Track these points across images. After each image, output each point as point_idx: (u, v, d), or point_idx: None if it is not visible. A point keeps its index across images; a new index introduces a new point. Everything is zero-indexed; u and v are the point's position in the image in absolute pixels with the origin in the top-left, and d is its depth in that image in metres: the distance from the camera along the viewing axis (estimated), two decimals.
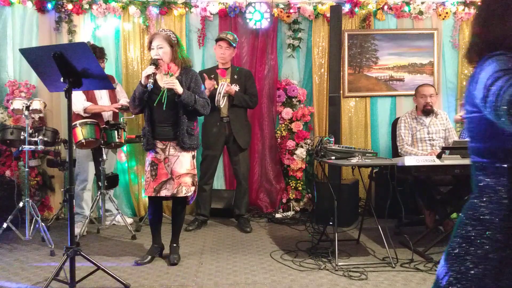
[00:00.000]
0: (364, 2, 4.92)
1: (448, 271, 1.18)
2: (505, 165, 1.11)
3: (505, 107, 0.95)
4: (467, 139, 1.17)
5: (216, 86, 4.07)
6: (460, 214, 1.23)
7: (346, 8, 4.89)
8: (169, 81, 3.11)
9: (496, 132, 1.09)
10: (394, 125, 4.33)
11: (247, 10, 4.70)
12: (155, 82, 3.12)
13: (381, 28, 4.98)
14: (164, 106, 3.14)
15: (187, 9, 4.81)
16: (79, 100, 3.97)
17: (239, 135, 4.25)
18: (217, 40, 4.27)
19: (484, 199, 1.14)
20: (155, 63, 3.12)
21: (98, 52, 4.09)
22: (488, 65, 1.08)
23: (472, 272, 1.13)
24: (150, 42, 3.23)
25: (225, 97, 4.09)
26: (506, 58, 1.07)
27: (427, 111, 4.01)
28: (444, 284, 1.18)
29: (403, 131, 4.04)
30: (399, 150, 4.03)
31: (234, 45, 4.23)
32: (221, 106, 4.06)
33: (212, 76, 4.18)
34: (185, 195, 3.22)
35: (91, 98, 4.11)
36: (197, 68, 4.71)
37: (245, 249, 3.66)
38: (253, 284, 2.91)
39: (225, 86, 4.03)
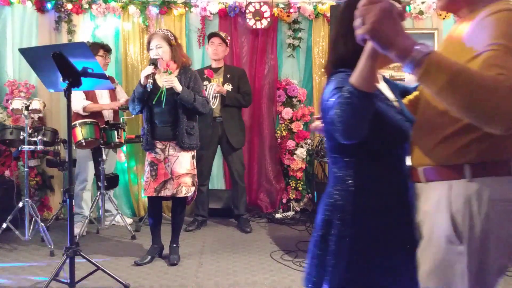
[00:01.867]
0: None
1: (313, 255, 1.38)
2: (352, 159, 1.33)
3: (335, 122, 1.15)
4: None
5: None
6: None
7: None
8: (168, 79, 3.11)
9: None
10: None
11: (247, 9, 4.70)
12: (154, 82, 3.12)
13: None
14: (163, 104, 3.13)
15: (187, 8, 4.80)
16: (78, 98, 3.96)
17: (232, 135, 4.23)
18: (209, 38, 4.28)
19: (337, 188, 1.35)
20: (154, 63, 3.12)
21: (106, 46, 4.19)
22: (331, 81, 1.28)
23: (330, 248, 1.32)
24: (149, 43, 3.23)
25: (217, 98, 4.09)
26: (344, 76, 1.23)
27: None
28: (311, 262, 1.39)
29: None
30: None
31: (226, 41, 4.23)
32: (213, 107, 4.05)
33: (204, 76, 4.17)
34: (185, 195, 3.22)
35: (91, 98, 4.10)
36: (197, 68, 4.71)
37: (245, 249, 3.66)
38: (253, 284, 2.90)
39: (214, 87, 4.03)
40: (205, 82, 4.09)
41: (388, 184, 1.32)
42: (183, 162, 3.22)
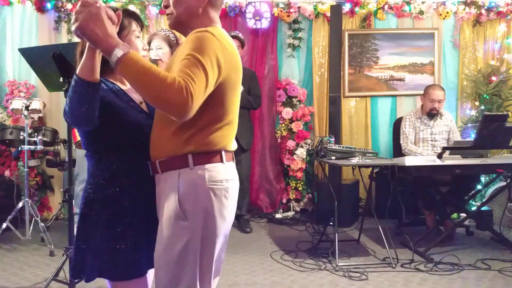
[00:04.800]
0: (364, 2, 4.91)
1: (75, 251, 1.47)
2: (97, 155, 1.48)
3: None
4: (468, 139, 1.26)
5: None
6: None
7: (347, 7, 4.89)
8: None
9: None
10: (396, 125, 4.32)
11: (247, 9, 4.70)
12: None
13: (381, 27, 4.97)
14: None
15: None
16: None
17: (241, 136, 4.22)
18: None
19: (90, 183, 1.49)
20: (154, 63, 3.11)
21: None
22: None
23: (83, 246, 1.44)
24: (149, 43, 3.22)
25: None
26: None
27: (432, 114, 4.00)
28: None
29: (407, 129, 4.02)
30: (403, 148, 4.01)
31: (243, 45, 4.22)
32: None
33: None
34: None
35: None
36: None
37: (245, 249, 3.65)
38: (253, 284, 2.90)
39: None
40: None
41: (127, 172, 1.46)
42: None
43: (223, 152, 1.41)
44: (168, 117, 1.30)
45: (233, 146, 1.49)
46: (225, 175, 1.41)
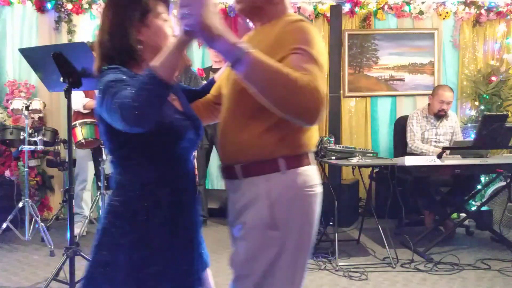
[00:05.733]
0: (364, 2, 4.91)
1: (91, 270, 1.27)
2: (126, 162, 1.27)
3: (114, 109, 1.09)
4: (468, 139, 1.25)
5: None
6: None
7: (346, 7, 4.89)
8: None
9: (114, 133, 1.20)
10: (397, 124, 4.33)
11: None
12: None
13: (381, 28, 4.97)
14: None
15: None
16: (77, 97, 3.96)
17: None
18: None
19: (117, 193, 1.28)
20: None
21: None
22: (101, 77, 1.20)
23: (108, 259, 1.23)
24: None
25: None
26: (118, 72, 1.19)
27: (440, 115, 4.00)
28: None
29: (415, 127, 4.02)
30: (410, 146, 4.00)
31: None
32: None
33: (204, 76, 4.18)
34: None
35: (91, 97, 4.10)
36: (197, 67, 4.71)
37: None
38: None
39: None
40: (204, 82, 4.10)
41: (164, 184, 1.28)
42: None
43: (309, 154, 1.29)
44: (252, 116, 1.22)
45: None
46: (315, 179, 1.29)
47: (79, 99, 4.00)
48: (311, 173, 1.28)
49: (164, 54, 1.09)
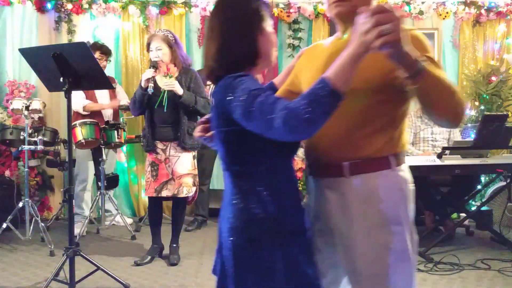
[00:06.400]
0: None
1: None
2: (262, 168, 1.27)
3: (279, 117, 1.09)
4: (468, 139, 1.29)
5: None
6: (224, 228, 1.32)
7: None
8: (169, 83, 3.10)
9: (253, 141, 1.23)
10: None
11: None
12: (155, 84, 3.12)
13: None
14: (165, 108, 3.13)
15: (187, 8, 4.80)
16: (78, 98, 3.96)
17: None
18: None
19: (253, 201, 1.26)
20: (154, 65, 3.12)
21: (104, 48, 4.13)
22: (236, 84, 1.20)
23: (268, 269, 1.23)
24: (149, 44, 3.23)
25: None
26: (251, 79, 1.22)
27: None
28: None
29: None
30: None
31: None
32: None
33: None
34: (186, 195, 3.22)
35: (91, 97, 4.10)
36: (197, 68, 4.69)
37: None
38: None
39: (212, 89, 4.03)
40: (208, 82, 4.10)
41: (290, 185, 1.34)
42: (184, 162, 3.21)
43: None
44: (366, 116, 1.27)
45: None
46: (411, 176, 1.37)
47: (80, 100, 4.00)
48: (408, 170, 1.36)
49: (339, 66, 1.09)
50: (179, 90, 3.11)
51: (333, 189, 1.33)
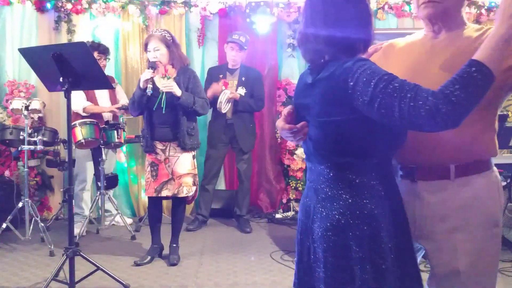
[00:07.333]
0: None
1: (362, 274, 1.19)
2: (374, 161, 1.22)
3: (427, 104, 1.03)
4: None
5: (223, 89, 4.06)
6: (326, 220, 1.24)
7: None
8: (167, 85, 3.10)
9: (370, 131, 1.18)
10: None
11: (247, 9, 4.70)
12: (154, 85, 3.12)
13: (381, 27, 4.96)
14: (164, 109, 3.13)
15: (186, 8, 4.79)
16: (78, 98, 3.96)
17: (242, 139, 4.26)
18: (228, 41, 4.25)
19: (365, 196, 1.20)
20: (152, 66, 3.11)
21: (101, 47, 4.12)
22: (358, 68, 1.14)
23: (384, 266, 1.18)
24: (146, 45, 3.22)
25: (229, 103, 4.09)
26: (373, 64, 1.17)
27: None
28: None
29: None
30: None
31: (245, 48, 4.22)
32: (223, 112, 4.07)
33: (221, 76, 4.18)
34: (186, 195, 3.22)
35: (91, 98, 4.10)
36: (197, 67, 4.70)
37: (245, 249, 3.65)
38: (253, 284, 2.90)
39: (227, 95, 4.03)
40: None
41: (395, 181, 1.32)
42: (184, 162, 3.21)
43: None
44: (475, 115, 1.21)
45: None
46: None
47: (80, 101, 4.00)
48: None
49: (489, 49, 1.07)
50: (178, 92, 3.11)
51: (435, 192, 1.31)
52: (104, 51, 4.14)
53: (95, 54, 4.01)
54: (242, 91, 4.19)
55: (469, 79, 1.04)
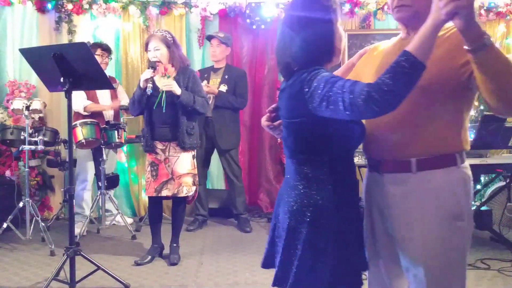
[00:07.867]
0: (364, 2, 4.92)
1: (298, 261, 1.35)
2: (327, 158, 1.37)
3: (362, 94, 1.16)
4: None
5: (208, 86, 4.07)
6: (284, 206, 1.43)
7: (346, 8, 4.89)
8: (167, 84, 3.11)
9: (323, 132, 1.34)
10: None
11: (247, 10, 4.70)
12: (154, 85, 3.13)
13: (381, 28, 4.97)
14: (164, 108, 3.14)
15: (187, 9, 4.80)
16: (79, 98, 3.97)
17: (220, 136, 4.20)
18: (207, 39, 4.29)
19: (314, 188, 1.37)
20: (152, 66, 3.12)
21: (104, 44, 4.17)
22: (312, 77, 1.30)
23: (321, 247, 1.34)
24: (147, 44, 3.23)
25: (210, 98, 4.05)
26: (329, 73, 1.32)
27: None
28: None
29: None
30: None
31: (225, 42, 4.20)
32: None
33: (205, 75, 4.19)
34: (186, 195, 3.23)
35: (92, 98, 4.11)
36: (197, 68, 4.70)
37: (245, 249, 3.66)
38: (253, 284, 2.91)
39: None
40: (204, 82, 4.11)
41: (350, 177, 1.43)
42: (184, 162, 3.22)
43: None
44: (437, 110, 1.30)
45: None
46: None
47: (81, 100, 4.01)
48: (469, 168, 1.39)
49: (418, 39, 1.15)
50: (177, 90, 3.12)
51: (397, 184, 1.37)
52: (107, 48, 4.20)
53: (99, 50, 4.04)
54: (223, 88, 4.18)
55: (398, 68, 1.15)
